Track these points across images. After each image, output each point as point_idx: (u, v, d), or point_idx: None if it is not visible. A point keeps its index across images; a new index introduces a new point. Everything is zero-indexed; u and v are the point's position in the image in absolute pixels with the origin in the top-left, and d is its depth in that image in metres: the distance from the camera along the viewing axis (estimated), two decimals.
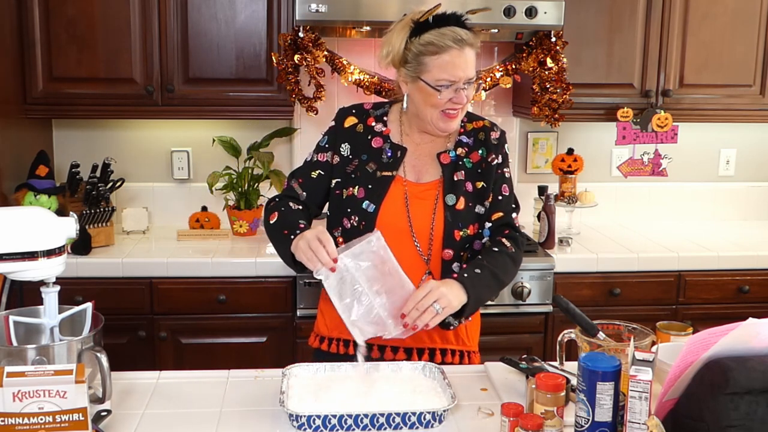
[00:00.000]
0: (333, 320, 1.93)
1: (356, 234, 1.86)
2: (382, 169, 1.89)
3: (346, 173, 1.91)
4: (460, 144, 1.94)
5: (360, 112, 1.97)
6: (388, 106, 1.99)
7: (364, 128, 1.94)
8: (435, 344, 1.92)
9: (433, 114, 1.85)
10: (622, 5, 3.05)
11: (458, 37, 1.78)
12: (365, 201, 1.86)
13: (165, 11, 2.90)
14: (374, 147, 1.92)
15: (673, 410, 1.33)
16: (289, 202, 1.92)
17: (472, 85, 1.84)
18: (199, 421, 1.55)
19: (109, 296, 2.71)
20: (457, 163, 1.91)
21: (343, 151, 1.93)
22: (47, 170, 2.86)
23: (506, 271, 1.87)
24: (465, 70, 1.80)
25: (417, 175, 1.91)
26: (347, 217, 1.88)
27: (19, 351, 1.45)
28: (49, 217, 1.46)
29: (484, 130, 1.96)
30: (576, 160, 3.27)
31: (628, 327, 1.64)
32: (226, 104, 2.99)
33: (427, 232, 1.87)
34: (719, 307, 2.98)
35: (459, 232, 1.87)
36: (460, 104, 1.83)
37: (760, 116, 3.24)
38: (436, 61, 1.79)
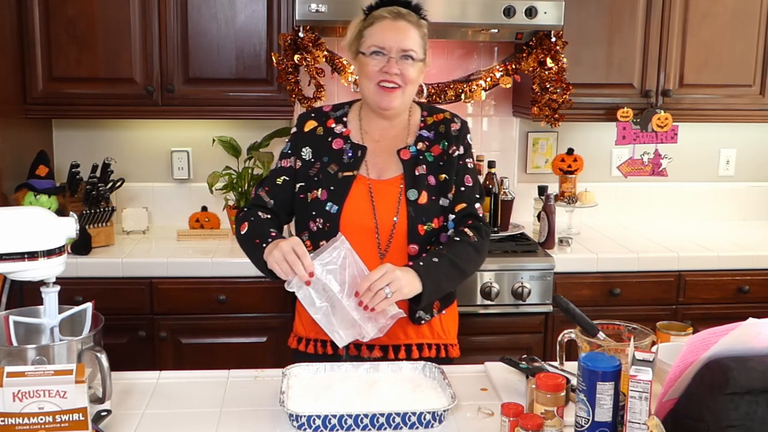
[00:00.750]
0: (309, 322, 1.93)
1: (323, 236, 1.87)
2: (344, 169, 1.91)
3: (309, 177, 1.92)
4: (420, 138, 1.95)
5: (319, 115, 1.99)
6: (347, 107, 2.01)
7: (324, 131, 1.96)
8: (410, 340, 1.92)
9: (369, 87, 1.88)
10: (622, 5, 3.05)
11: (395, 11, 1.86)
12: (328, 202, 1.88)
13: (165, 11, 2.90)
14: (335, 148, 1.93)
15: (673, 410, 1.33)
16: (257, 212, 1.93)
17: (411, 63, 1.86)
18: (199, 421, 1.55)
19: (109, 296, 2.71)
20: (417, 157, 1.93)
21: (305, 155, 1.94)
22: (47, 170, 2.86)
23: (468, 260, 1.87)
24: (397, 41, 1.84)
25: (379, 172, 1.93)
26: (312, 220, 1.89)
27: (19, 351, 1.45)
28: (49, 217, 1.46)
29: (445, 122, 1.97)
30: (576, 160, 3.27)
31: (628, 327, 1.64)
32: (226, 104, 2.99)
33: (388, 227, 1.88)
34: (719, 307, 2.98)
35: (423, 227, 1.88)
36: (391, 74, 1.84)
37: (760, 116, 3.24)
38: (370, 31, 1.87)
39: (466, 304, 2.82)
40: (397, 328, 1.87)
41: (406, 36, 1.85)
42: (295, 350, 2.00)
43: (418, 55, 1.87)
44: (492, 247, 2.90)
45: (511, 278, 2.83)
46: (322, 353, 1.93)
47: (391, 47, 1.84)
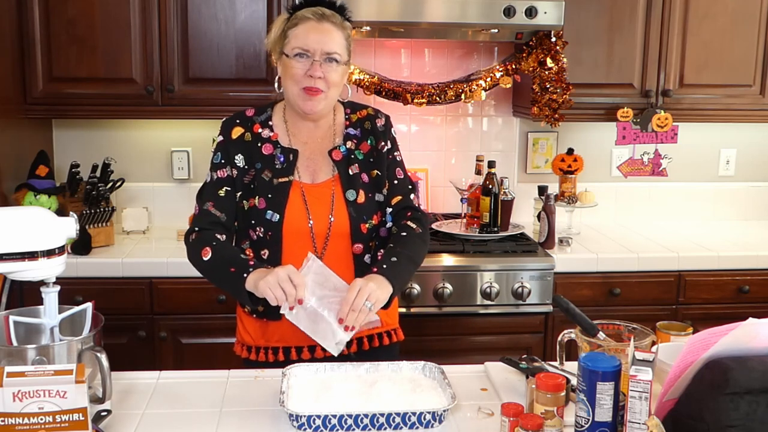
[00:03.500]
0: (256, 330, 1.94)
1: (264, 245, 1.87)
2: (278, 175, 1.89)
3: (245, 184, 1.90)
4: (348, 137, 1.96)
5: (244, 120, 1.96)
6: (270, 109, 1.99)
7: (252, 136, 1.93)
8: (361, 333, 1.93)
9: (293, 90, 1.87)
10: (622, 5, 3.05)
11: (319, 12, 1.84)
12: (268, 211, 1.86)
13: (165, 11, 2.90)
14: (265, 154, 1.91)
15: (673, 410, 1.33)
16: (214, 234, 1.87)
17: (334, 66, 1.85)
18: (199, 421, 1.55)
19: (109, 296, 2.71)
20: (349, 157, 1.93)
21: (238, 162, 1.91)
22: (47, 170, 2.86)
23: (419, 252, 1.91)
24: (321, 43, 1.82)
25: (312, 175, 1.92)
26: (252, 228, 1.88)
27: (19, 351, 1.45)
28: (49, 217, 1.46)
29: (369, 118, 1.98)
30: (576, 160, 3.27)
31: (628, 327, 1.64)
32: (226, 104, 2.98)
33: (324, 230, 1.88)
34: (719, 307, 2.98)
35: (365, 225, 1.89)
36: (315, 77, 1.83)
37: (760, 116, 3.24)
38: (294, 32, 1.85)
39: (466, 304, 2.83)
40: None
41: (330, 38, 1.84)
42: (246, 359, 1.96)
43: (342, 58, 1.86)
44: (492, 247, 2.91)
45: (511, 278, 2.83)
46: (273, 360, 1.91)
47: (315, 49, 1.83)
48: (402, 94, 3.02)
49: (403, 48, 3.30)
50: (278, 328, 1.90)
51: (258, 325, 1.94)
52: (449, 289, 2.80)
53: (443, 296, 2.80)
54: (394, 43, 3.28)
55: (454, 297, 2.81)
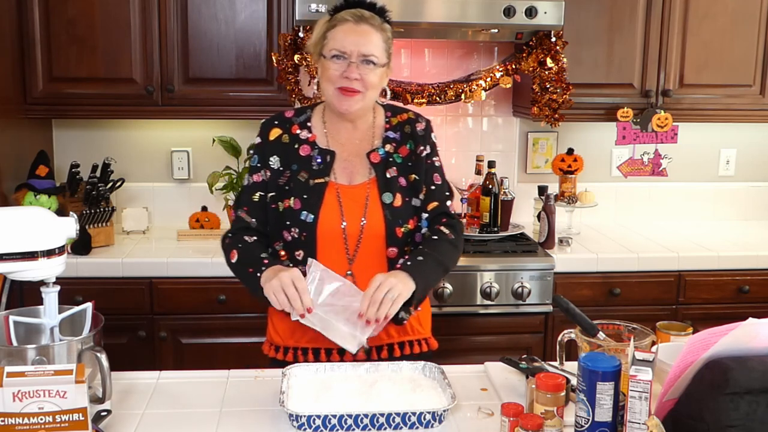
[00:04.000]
0: (285, 330, 1.94)
1: (298, 246, 1.87)
2: (314, 176, 1.89)
3: (279, 186, 1.90)
4: (387, 140, 1.94)
5: (282, 121, 1.96)
6: (310, 111, 1.98)
7: (289, 138, 1.93)
8: (392, 339, 1.93)
9: (329, 90, 1.86)
10: (622, 5, 3.05)
11: (358, 14, 1.83)
12: (303, 211, 1.86)
13: (165, 11, 2.90)
14: (302, 155, 1.91)
15: (673, 410, 1.33)
16: (243, 236, 1.91)
17: (372, 68, 1.84)
18: (199, 421, 1.55)
19: (109, 296, 2.71)
20: (387, 160, 1.92)
21: (273, 164, 1.91)
22: (47, 170, 2.86)
23: (449, 257, 1.89)
24: (358, 45, 1.81)
25: (349, 177, 1.91)
26: (287, 229, 1.87)
27: (19, 351, 1.45)
28: (49, 217, 1.46)
29: (409, 122, 1.97)
30: (576, 160, 3.27)
31: (628, 327, 1.64)
32: (226, 104, 2.99)
33: (356, 232, 1.87)
34: (719, 307, 2.98)
35: (400, 229, 1.88)
36: (351, 79, 1.82)
37: (760, 116, 3.24)
38: (332, 34, 1.84)
39: (466, 304, 2.83)
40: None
41: (368, 40, 1.83)
42: (273, 359, 1.97)
43: (379, 60, 1.85)
44: (492, 247, 2.91)
45: (511, 278, 2.83)
46: (303, 362, 1.89)
47: (351, 51, 1.82)
48: (402, 94, 3.02)
49: (403, 48, 3.30)
50: (309, 329, 1.88)
51: (288, 325, 1.92)
52: (449, 289, 2.80)
53: (443, 296, 2.80)
54: (395, 43, 3.26)
55: (454, 297, 2.81)
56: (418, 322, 1.97)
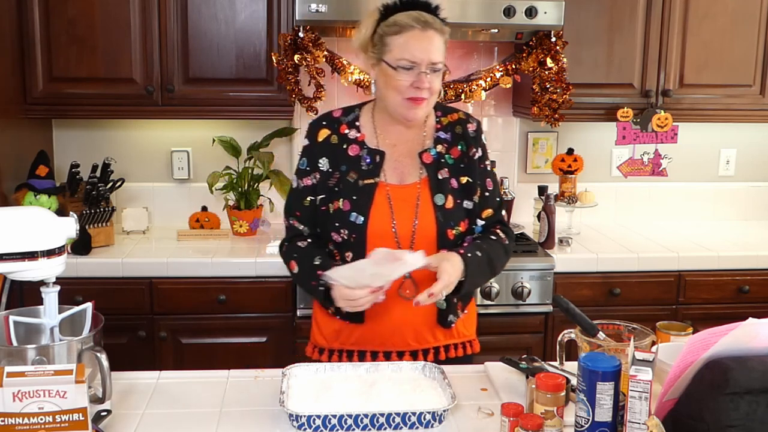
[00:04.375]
0: (331, 332, 1.94)
1: (348, 247, 1.86)
2: (364, 177, 1.87)
3: (328, 187, 1.88)
4: (438, 141, 1.92)
5: (330, 121, 1.93)
6: (358, 110, 1.96)
7: (338, 138, 1.91)
8: (438, 342, 1.93)
9: (396, 99, 1.83)
10: (622, 5, 3.05)
11: (422, 19, 1.78)
12: (352, 213, 1.84)
13: (165, 11, 2.90)
14: (351, 155, 1.89)
15: (673, 410, 1.33)
16: (297, 243, 1.91)
17: (438, 74, 1.81)
18: (199, 421, 1.55)
19: (109, 296, 2.71)
20: (439, 161, 1.90)
21: (322, 166, 1.90)
22: (47, 170, 2.86)
23: (500, 260, 1.90)
24: (427, 53, 1.77)
25: (399, 177, 1.89)
26: (336, 231, 1.86)
27: (19, 351, 1.45)
28: (49, 217, 1.46)
29: (461, 122, 1.94)
30: (576, 160, 3.27)
31: (628, 327, 1.64)
32: (226, 104, 2.99)
33: (408, 233, 1.85)
34: (719, 307, 2.98)
35: (452, 231, 1.86)
36: (422, 89, 1.79)
37: (760, 116, 3.24)
38: (398, 41, 1.78)
39: None
40: (427, 332, 1.90)
41: (435, 47, 1.79)
42: (317, 360, 1.97)
43: (442, 65, 1.82)
44: None
45: (511, 278, 2.83)
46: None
47: (421, 60, 1.77)
48: None
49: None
50: (356, 330, 1.90)
51: (336, 326, 1.93)
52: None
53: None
54: None
55: None
56: (464, 325, 1.97)
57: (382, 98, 1.88)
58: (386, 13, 1.82)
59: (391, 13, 1.81)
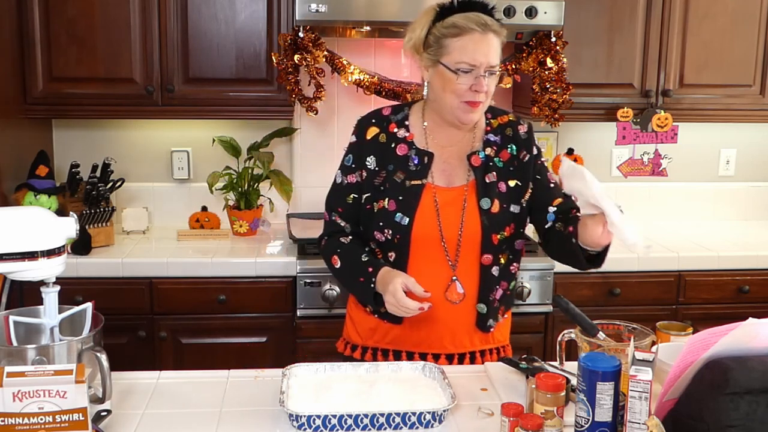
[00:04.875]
0: (366, 330, 1.94)
1: (391, 248, 1.84)
2: (411, 177, 1.84)
3: (374, 186, 1.86)
4: (488, 143, 1.89)
5: (380, 119, 1.91)
6: (407, 109, 1.93)
7: (387, 137, 1.88)
8: (475, 347, 1.92)
9: (453, 102, 1.80)
10: (622, 5, 3.05)
11: (482, 21, 1.75)
12: (397, 213, 1.82)
13: (165, 11, 2.90)
14: (399, 155, 1.86)
15: (673, 410, 1.33)
16: (339, 238, 1.90)
17: (494, 77, 1.78)
18: (199, 421, 1.55)
19: (109, 296, 2.71)
20: (487, 164, 1.87)
21: (369, 164, 1.87)
22: (47, 170, 2.86)
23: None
24: (487, 56, 1.75)
25: (447, 179, 1.87)
26: (380, 230, 1.85)
27: (19, 351, 1.45)
28: (49, 217, 1.46)
29: (511, 125, 1.92)
30: (576, 160, 3.27)
31: (628, 327, 1.64)
32: (226, 104, 2.99)
33: (454, 237, 1.83)
34: (719, 307, 2.98)
35: (497, 236, 1.84)
36: (480, 92, 1.77)
37: (760, 116, 3.24)
38: (457, 44, 1.75)
39: None
40: (464, 336, 1.89)
41: (494, 50, 1.76)
42: (349, 357, 1.97)
43: (498, 66, 1.79)
44: None
45: None
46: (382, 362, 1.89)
47: (481, 63, 1.75)
48: (402, 94, 3.02)
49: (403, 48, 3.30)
50: (392, 330, 1.90)
51: (372, 324, 1.92)
52: None
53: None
54: (394, 43, 3.27)
55: None
56: (500, 330, 1.97)
57: (437, 100, 1.85)
58: (442, 14, 1.78)
59: (447, 14, 1.78)
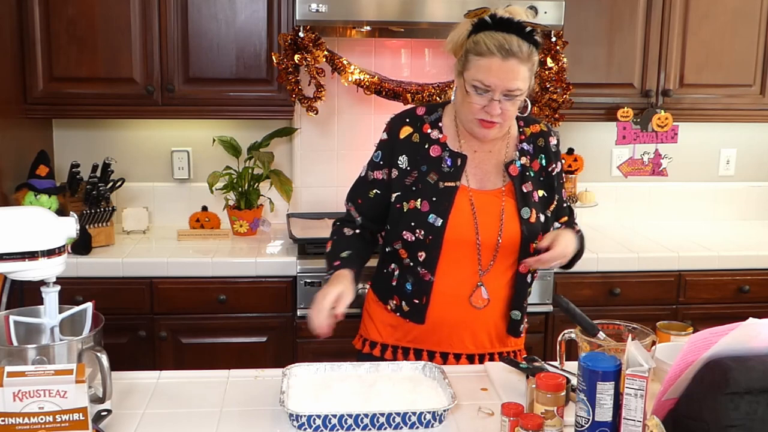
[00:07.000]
0: (387, 327, 1.94)
1: (421, 248, 1.84)
2: (444, 179, 1.84)
3: (405, 186, 1.86)
4: (522, 152, 1.90)
5: (414, 119, 1.90)
6: (441, 109, 1.93)
7: (420, 137, 1.88)
8: (494, 348, 1.93)
9: (467, 116, 1.81)
10: (622, 5, 3.05)
11: (506, 47, 1.71)
12: (431, 214, 1.82)
13: (165, 11, 2.90)
14: (433, 156, 1.86)
15: (673, 410, 1.33)
16: (345, 228, 1.94)
17: (514, 100, 1.76)
18: (199, 421, 1.55)
19: (109, 296, 2.71)
20: (524, 173, 1.88)
21: (401, 163, 1.87)
22: (47, 170, 2.86)
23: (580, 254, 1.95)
24: (503, 80, 1.72)
25: (480, 182, 1.87)
26: (410, 230, 1.84)
27: (20, 351, 1.45)
28: (50, 217, 1.46)
29: (543, 135, 1.92)
30: (576, 160, 3.27)
31: (628, 327, 1.64)
32: (226, 104, 2.99)
33: (492, 243, 1.84)
34: (719, 307, 2.98)
35: (533, 245, 1.86)
36: (492, 115, 1.76)
37: (760, 116, 3.24)
38: (476, 62, 1.75)
39: None
40: (485, 337, 1.90)
41: (514, 76, 1.73)
42: (367, 354, 1.98)
43: (523, 90, 1.76)
44: None
45: None
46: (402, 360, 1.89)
47: (496, 86, 1.73)
48: (402, 94, 3.02)
49: (403, 48, 3.30)
50: (414, 329, 1.90)
51: (393, 322, 1.93)
52: None
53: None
54: (394, 43, 3.28)
55: None
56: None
57: (457, 109, 1.86)
58: (477, 28, 1.77)
59: (482, 28, 1.76)
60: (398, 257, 1.89)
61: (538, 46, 1.76)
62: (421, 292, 1.86)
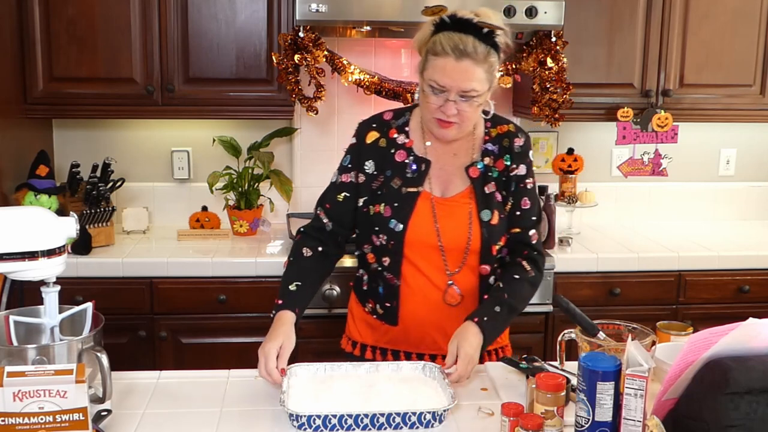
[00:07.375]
0: (365, 328, 1.95)
1: (386, 253, 1.85)
2: (407, 184, 1.85)
3: (372, 190, 1.86)
4: (486, 153, 1.88)
5: (381, 124, 1.90)
6: (408, 114, 1.92)
7: (386, 142, 1.88)
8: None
9: (426, 115, 1.82)
10: (622, 5, 3.05)
11: (459, 47, 1.70)
12: (392, 220, 1.83)
13: (165, 11, 2.90)
14: (398, 161, 1.87)
15: (673, 410, 1.33)
16: (303, 248, 1.90)
17: (470, 101, 1.75)
18: (199, 421, 1.55)
19: (109, 296, 2.71)
20: (486, 174, 1.87)
21: (368, 168, 1.87)
22: (47, 170, 2.86)
23: (524, 300, 1.88)
24: (457, 81, 1.72)
25: (443, 188, 1.87)
26: (375, 234, 1.85)
27: (20, 351, 1.45)
28: (50, 217, 1.46)
29: (509, 135, 1.90)
30: (576, 160, 3.27)
31: (628, 327, 1.64)
32: (226, 104, 2.99)
33: (461, 247, 1.83)
34: (719, 307, 2.98)
35: (495, 247, 1.85)
36: (448, 115, 1.75)
37: (760, 116, 3.24)
38: (433, 62, 1.75)
39: None
40: None
41: (468, 77, 1.72)
42: (350, 353, 1.98)
43: (480, 92, 1.75)
44: None
45: None
46: (381, 360, 1.90)
47: (450, 87, 1.73)
48: (402, 94, 3.02)
49: (403, 48, 3.30)
50: (389, 331, 1.91)
51: (371, 324, 1.94)
52: None
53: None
54: (394, 43, 3.28)
55: None
56: None
57: (421, 109, 1.86)
58: (438, 28, 1.77)
59: (442, 28, 1.76)
60: (366, 262, 1.91)
61: (497, 48, 1.74)
62: (391, 296, 1.87)
